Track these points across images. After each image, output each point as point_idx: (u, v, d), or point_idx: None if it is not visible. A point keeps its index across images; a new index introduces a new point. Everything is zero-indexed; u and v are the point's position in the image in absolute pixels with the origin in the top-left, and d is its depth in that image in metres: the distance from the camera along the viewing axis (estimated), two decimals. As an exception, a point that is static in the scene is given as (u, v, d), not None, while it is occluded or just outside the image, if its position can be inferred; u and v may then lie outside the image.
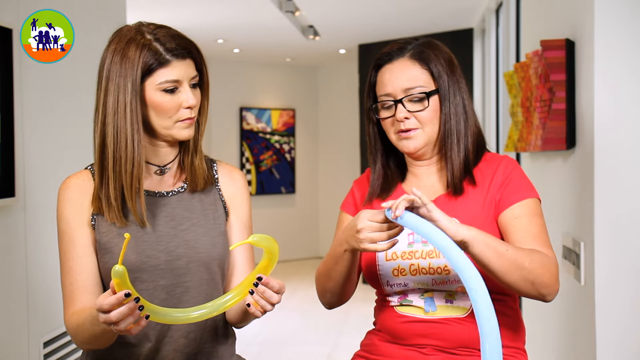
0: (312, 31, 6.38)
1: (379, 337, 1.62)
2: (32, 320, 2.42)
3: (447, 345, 1.52)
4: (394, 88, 1.56)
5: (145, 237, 1.46)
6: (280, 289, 1.34)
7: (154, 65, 1.42)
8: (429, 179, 1.62)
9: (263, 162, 8.05)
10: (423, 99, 1.55)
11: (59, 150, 2.62)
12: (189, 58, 1.46)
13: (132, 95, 1.41)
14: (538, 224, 1.50)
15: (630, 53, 1.86)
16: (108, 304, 1.22)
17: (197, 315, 1.32)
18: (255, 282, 1.32)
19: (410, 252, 1.53)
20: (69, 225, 1.47)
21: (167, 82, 1.43)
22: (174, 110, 1.45)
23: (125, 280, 1.22)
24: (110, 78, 1.42)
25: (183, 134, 1.48)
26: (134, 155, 1.42)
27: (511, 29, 3.95)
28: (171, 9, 5.27)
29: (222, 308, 1.33)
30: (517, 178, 1.55)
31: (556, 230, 2.32)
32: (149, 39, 1.42)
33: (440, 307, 1.52)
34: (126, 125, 1.41)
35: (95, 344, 1.41)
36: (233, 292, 1.34)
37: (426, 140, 1.57)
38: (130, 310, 1.23)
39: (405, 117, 1.55)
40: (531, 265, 1.39)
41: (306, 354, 4.52)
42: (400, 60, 1.57)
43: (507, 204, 1.52)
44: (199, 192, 1.54)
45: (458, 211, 1.53)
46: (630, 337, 1.86)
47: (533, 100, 2.39)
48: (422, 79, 1.56)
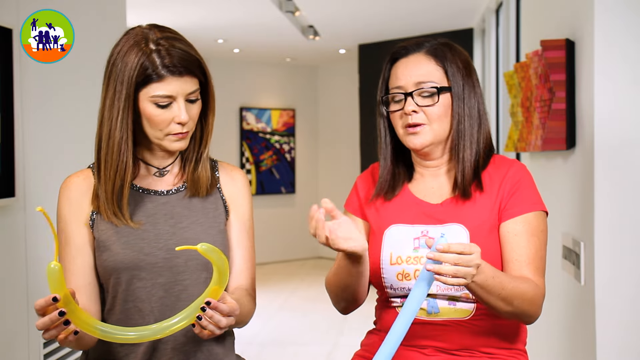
0: (312, 31, 6.38)
1: (380, 337, 1.61)
2: (32, 320, 2.42)
3: (448, 346, 1.51)
4: (406, 81, 1.54)
5: (144, 235, 1.46)
6: (231, 311, 1.32)
7: (148, 78, 1.41)
8: (436, 181, 1.59)
9: (263, 162, 8.05)
10: (434, 94, 1.52)
11: (59, 150, 2.62)
12: (187, 75, 1.43)
13: (125, 102, 1.41)
14: (535, 246, 1.49)
15: (630, 53, 1.86)
16: (38, 305, 1.23)
17: (135, 336, 1.30)
18: (202, 307, 1.30)
19: (415, 257, 1.51)
20: (66, 224, 1.48)
21: (159, 96, 1.41)
22: (165, 124, 1.44)
23: (58, 279, 1.20)
24: (111, 79, 1.43)
25: (174, 146, 1.48)
26: (119, 163, 1.44)
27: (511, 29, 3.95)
28: (171, 9, 5.27)
29: (166, 332, 1.30)
30: (525, 187, 1.52)
31: (556, 230, 2.32)
32: (151, 49, 1.41)
33: (443, 309, 1.51)
34: (116, 132, 1.43)
35: (70, 346, 1.41)
36: (181, 314, 1.31)
37: (433, 138, 1.54)
38: (51, 321, 1.23)
39: (413, 111, 1.52)
40: (520, 304, 1.41)
41: (306, 354, 4.52)
42: (416, 54, 1.55)
43: (511, 215, 1.50)
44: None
45: (465, 217, 1.51)
46: (631, 337, 1.86)
47: (533, 100, 2.39)
48: (436, 75, 1.54)
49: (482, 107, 1.58)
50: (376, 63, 6.55)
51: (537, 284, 1.46)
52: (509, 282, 1.39)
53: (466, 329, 1.50)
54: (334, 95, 8.41)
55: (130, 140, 1.43)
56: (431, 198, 1.57)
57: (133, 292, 1.45)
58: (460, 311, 1.50)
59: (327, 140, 8.52)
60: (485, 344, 1.51)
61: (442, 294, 1.50)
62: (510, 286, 1.39)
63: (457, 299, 1.50)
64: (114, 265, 1.45)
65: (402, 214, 1.57)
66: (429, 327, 1.51)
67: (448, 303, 1.51)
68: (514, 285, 1.40)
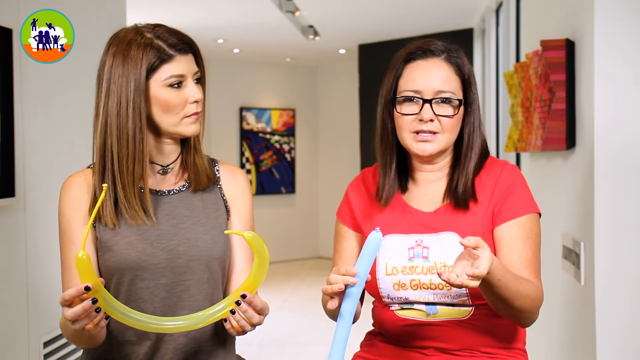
0: (312, 31, 6.38)
1: (379, 338, 1.62)
2: (32, 320, 2.42)
3: (449, 347, 1.51)
4: (425, 86, 1.50)
5: (146, 235, 1.46)
6: (263, 309, 1.33)
7: (158, 62, 1.42)
8: (432, 187, 1.58)
9: (263, 162, 8.05)
10: (455, 105, 1.50)
11: (59, 150, 2.62)
12: (191, 53, 1.47)
13: (135, 93, 1.41)
14: (532, 249, 1.49)
15: (630, 53, 1.86)
16: (69, 295, 1.22)
17: (170, 326, 1.29)
18: (237, 301, 1.30)
19: (410, 267, 1.50)
20: (69, 224, 1.47)
21: (172, 77, 1.43)
22: (181, 106, 1.45)
23: (87, 269, 1.20)
24: (112, 80, 1.42)
25: (190, 129, 1.48)
26: (136, 154, 1.42)
27: (511, 29, 3.95)
28: (171, 9, 5.27)
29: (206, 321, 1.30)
30: (518, 190, 1.52)
31: (556, 230, 2.32)
32: (150, 37, 1.43)
33: (441, 309, 1.50)
34: (128, 124, 1.41)
35: (81, 342, 1.41)
36: (221, 304, 1.31)
37: (443, 147, 1.52)
38: (84, 310, 1.23)
39: (430, 119, 1.50)
40: (522, 305, 1.41)
41: (306, 354, 4.52)
42: (436, 59, 1.52)
43: (505, 218, 1.49)
44: (201, 191, 1.54)
45: (458, 225, 1.51)
46: (631, 337, 1.86)
47: (533, 100, 2.39)
48: (454, 85, 1.51)
49: (480, 115, 1.58)
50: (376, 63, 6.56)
51: (537, 286, 1.46)
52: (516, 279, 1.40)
53: (465, 329, 1.50)
54: (334, 95, 8.41)
55: (145, 128, 1.43)
56: (424, 206, 1.56)
57: (135, 292, 1.45)
58: (459, 311, 1.50)
59: (327, 140, 8.52)
60: (484, 344, 1.51)
61: (439, 302, 1.50)
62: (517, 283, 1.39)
63: (454, 305, 1.50)
64: (117, 266, 1.44)
65: (396, 223, 1.56)
66: (428, 328, 1.51)
67: (447, 305, 1.50)
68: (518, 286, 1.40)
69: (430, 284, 1.48)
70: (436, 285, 1.47)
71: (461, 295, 1.47)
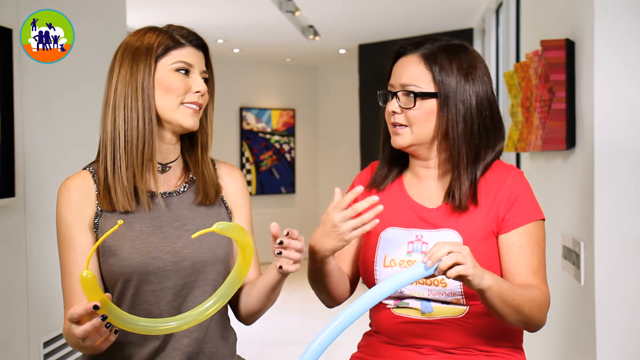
0: (312, 31, 6.38)
1: (376, 338, 1.61)
2: (32, 320, 2.42)
3: (445, 345, 1.51)
4: (394, 81, 1.54)
5: (151, 239, 1.45)
6: (302, 247, 1.39)
7: (170, 45, 1.46)
8: (429, 183, 1.58)
9: (263, 162, 8.05)
10: (415, 98, 1.50)
11: (59, 150, 2.62)
12: (202, 51, 1.51)
13: (144, 73, 1.44)
14: (539, 256, 1.49)
15: (630, 53, 1.86)
16: (77, 314, 1.20)
17: (177, 324, 1.28)
18: (280, 241, 1.36)
19: (408, 260, 1.51)
20: (69, 228, 1.45)
21: (180, 61, 1.46)
22: (183, 90, 1.46)
23: (93, 287, 1.18)
24: (122, 65, 1.46)
25: (188, 121, 1.48)
26: (145, 133, 1.44)
27: (511, 29, 3.95)
28: (171, 8, 5.27)
29: (199, 318, 1.29)
30: (524, 197, 1.51)
31: (556, 230, 2.32)
32: (165, 30, 1.49)
33: (436, 308, 1.51)
34: (138, 104, 1.44)
35: (85, 350, 1.39)
36: (210, 300, 1.30)
37: (413, 140, 1.53)
38: (94, 328, 1.21)
39: (393, 111, 1.53)
40: (530, 311, 1.41)
41: (306, 354, 4.51)
42: (411, 55, 1.54)
43: (512, 226, 1.49)
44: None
45: (459, 223, 1.51)
46: (630, 337, 1.86)
47: (533, 100, 2.39)
48: (423, 80, 1.51)
49: (473, 114, 1.51)
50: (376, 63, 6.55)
51: (543, 291, 1.46)
52: (517, 288, 1.40)
53: (461, 327, 1.50)
54: (334, 95, 8.41)
55: (153, 108, 1.45)
56: (427, 202, 1.57)
57: (142, 295, 1.44)
58: (454, 310, 1.50)
59: (327, 140, 8.52)
60: (481, 342, 1.51)
61: (433, 298, 1.50)
62: (520, 292, 1.39)
63: (449, 303, 1.50)
64: (122, 270, 1.43)
65: (398, 216, 1.57)
66: (424, 327, 1.51)
67: (441, 303, 1.51)
68: (522, 292, 1.40)
69: (426, 279, 1.48)
70: (432, 281, 1.48)
71: (455, 293, 1.48)
